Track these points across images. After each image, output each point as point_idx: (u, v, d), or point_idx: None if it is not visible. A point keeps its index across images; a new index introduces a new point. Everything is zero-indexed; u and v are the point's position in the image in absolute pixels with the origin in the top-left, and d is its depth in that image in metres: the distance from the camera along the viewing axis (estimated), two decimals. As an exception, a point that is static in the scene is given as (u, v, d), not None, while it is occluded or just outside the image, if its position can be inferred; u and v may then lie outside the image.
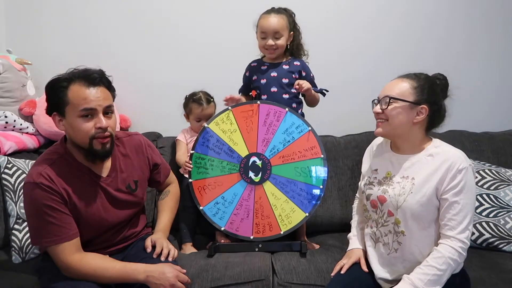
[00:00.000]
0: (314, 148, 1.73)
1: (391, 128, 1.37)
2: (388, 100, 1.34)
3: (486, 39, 2.34)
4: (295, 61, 1.84)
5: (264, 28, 1.76)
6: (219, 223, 1.71)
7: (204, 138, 1.76)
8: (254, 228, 1.71)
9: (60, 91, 1.31)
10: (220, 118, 1.77)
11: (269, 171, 1.73)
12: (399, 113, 1.34)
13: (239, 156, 1.74)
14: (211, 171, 1.74)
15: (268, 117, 1.75)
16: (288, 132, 1.74)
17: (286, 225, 1.70)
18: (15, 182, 1.72)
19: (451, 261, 1.25)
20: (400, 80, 1.38)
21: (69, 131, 1.35)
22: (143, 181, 1.56)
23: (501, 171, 1.92)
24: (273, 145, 1.74)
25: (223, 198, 1.73)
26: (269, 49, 1.78)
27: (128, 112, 2.30)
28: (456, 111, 2.26)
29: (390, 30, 2.31)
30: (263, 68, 1.85)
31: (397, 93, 1.35)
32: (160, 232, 1.51)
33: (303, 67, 1.84)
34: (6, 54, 2.10)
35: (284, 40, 1.78)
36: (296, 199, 1.71)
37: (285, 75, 1.81)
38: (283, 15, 1.78)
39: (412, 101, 1.33)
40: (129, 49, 2.29)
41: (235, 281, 1.52)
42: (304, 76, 1.83)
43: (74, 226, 1.33)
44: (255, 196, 1.72)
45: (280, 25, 1.75)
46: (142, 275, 1.29)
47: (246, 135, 1.75)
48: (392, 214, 1.36)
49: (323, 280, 1.52)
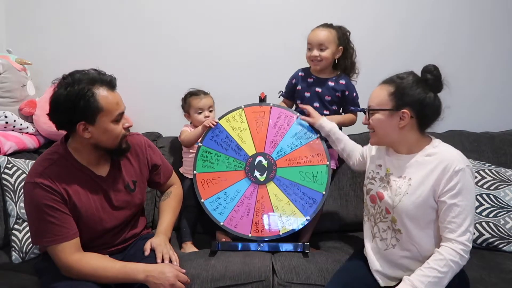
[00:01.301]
0: (321, 155, 1.74)
1: (379, 138, 1.40)
2: (368, 112, 1.38)
3: (489, 40, 2.34)
4: (341, 79, 1.86)
5: (310, 40, 1.81)
6: (219, 218, 1.72)
7: (214, 133, 1.78)
8: (253, 226, 1.71)
9: (89, 100, 1.28)
10: (231, 115, 1.80)
11: (274, 171, 1.74)
12: (382, 122, 1.35)
13: (246, 154, 1.76)
14: (217, 165, 1.76)
15: (278, 120, 1.79)
16: (296, 136, 1.76)
17: (286, 227, 1.70)
18: (15, 182, 1.72)
19: (453, 263, 1.24)
20: (379, 88, 1.38)
21: (99, 136, 1.35)
22: (142, 182, 1.56)
23: (501, 171, 1.92)
24: (280, 148, 1.76)
25: (225, 193, 1.74)
26: (314, 60, 1.81)
27: (128, 112, 2.28)
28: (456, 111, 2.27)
29: (392, 30, 2.31)
30: (309, 81, 1.87)
31: (376, 102, 1.36)
32: (161, 234, 1.50)
33: (347, 86, 1.85)
34: (6, 54, 2.11)
35: (329, 53, 1.79)
36: (298, 203, 1.71)
37: (329, 93, 1.84)
38: (332, 30, 1.81)
39: (391, 108, 1.33)
40: (129, 49, 2.29)
41: (235, 282, 1.52)
42: (347, 95, 1.85)
43: (74, 226, 1.34)
44: (258, 195, 1.73)
45: (326, 38, 1.78)
46: (142, 275, 1.29)
47: (256, 134, 1.78)
48: (389, 212, 1.37)
49: (323, 280, 1.52)
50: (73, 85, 1.28)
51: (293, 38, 1.97)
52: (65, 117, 1.31)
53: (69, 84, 1.29)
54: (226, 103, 1.87)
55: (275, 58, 2.26)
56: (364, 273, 1.43)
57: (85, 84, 1.29)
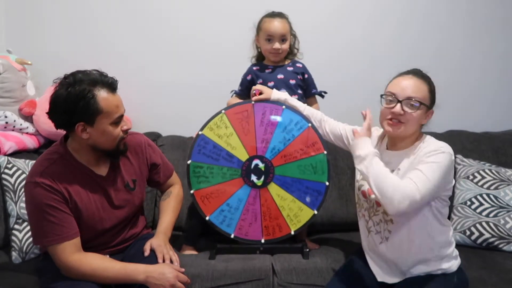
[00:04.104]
0: (316, 144, 1.67)
1: (405, 131, 1.34)
2: (418, 105, 1.30)
3: (486, 39, 2.34)
4: (297, 62, 1.90)
5: (271, 32, 1.79)
6: (228, 230, 1.67)
7: (200, 145, 1.68)
8: (263, 231, 1.67)
9: (89, 101, 1.28)
10: (213, 122, 1.69)
11: (272, 174, 1.67)
12: (419, 116, 1.32)
13: (239, 160, 1.67)
14: (212, 179, 1.67)
15: (264, 116, 1.69)
16: (287, 130, 1.68)
17: (296, 224, 1.66)
18: (15, 182, 1.72)
19: (401, 192, 1.21)
20: (419, 82, 1.34)
21: (97, 138, 1.35)
22: (141, 181, 1.56)
23: (501, 171, 1.92)
24: (273, 145, 1.67)
25: (228, 205, 1.68)
26: (275, 53, 1.82)
27: (128, 112, 2.28)
28: (456, 111, 2.29)
29: (389, 30, 2.31)
30: (268, 71, 1.87)
31: (421, 96, 1.32)
32: (161, 234, 1.50)
33: (304, 68, 1.89)
34: (6, 54, 2.10)
35: (288, 43, 1.83)
36: (303, 198, 1.67)
37: (292, 76, 1.85)
38: (286, 20, 1.83)
39: (429, 105, 1.34)
40: (129, 49, 2.29)
41: (235, 281, 1.52)
42: (306, 77, 1.88)
43: (74, 226, 1.34)
44: (261, 199, 1.68)
45: (286, 29, 1.81)
46: (142, 276, 1.28)
47: (244, 137, 1.68)
48: (380, 205, 1.37)
49: (323, 280, 1.53)
50: (74, 85, 1.28)
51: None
52: (64, 117, 1.31)
53: (70, 84, 1.29)
54: (230, 101, 1.86)
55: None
56: (364, 272, 1.43)
57: (86, 85, 1.29)
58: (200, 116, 1.73)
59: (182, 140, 2.16)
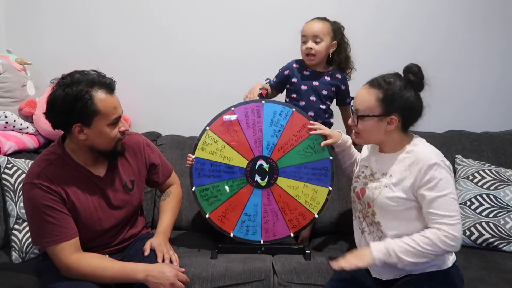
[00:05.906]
0: (306, 125, 1.66)
1: (365, 140, 1.43)
2: (357, 117, 1.38)
3: (486, 39, 2.34)
4: (337, 73, 1.86)
5: (304, 31, 1.79)
6: (255, 238, 1.68)
7: (197, 169, 1.67)
8: (288, 225, 1.68)
9: (86, 103, 1.27)
10: (202, 142, 1.67)
11: (276, 169, 1.67)
12: (369, 126, 1.36)
13: (240, 168, 1.67)
14: (221, 196, 1.67)
15: (247, 117, 1.68)
16: (274, 122, 1.67)
17: (316, 206, 1.67)
18: (15, 182, 1.72)
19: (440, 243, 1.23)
20: (367, 92, 1.36)
21: (94, 139, 1.34)
22: (140, 181, 1.56)
23: (501, 171, 1.92)
24: (266, 142, 1.67)
25: (246, 214, 1.68)
26: (309, 55, 1.79)
27: (128, 112, 2.29)
28: (456, 111, 2.28)
29: (389, 30, 2.30)
30: (305, 73, 1.84)
31: (364, 107, 1.36)
32: (161, 234, 1.50)
33: (343, 81, 1.86)
34: (6, 54, 2.11)
35: (323, 46, 1.78)
36: (313, 180, 1.67)
37: (325, 87, 1.83)
38: (327, 22, 1.80)
39: (379, 114, 1.34)
40: (129, 49, 2.29)
41: (236, 281, 1.52)
42: (343, 88, 1.87)
43: (73, 226, 1.34)
44: (275, 196, 1.68)
45: (321, 30, 1.76)
46: (142, 275, 1.29)
47: (236, 145, 1.67)
48: (370, 206, 1.40)
49: (323, 280, 1.53)
50: (72, 86, 1.27)
51: (298, 38, 1.96)
52: (61, 118, 1.30)
53: (67, 85, 1.28)
54: (228, 103, 1.86)
55: (279, 57, 2.25)
56: (364, 272, 1.43)
57: (84, 86, 1.28)
58: (199, 116, 1.73)
59: (181, 140, 2.16)
